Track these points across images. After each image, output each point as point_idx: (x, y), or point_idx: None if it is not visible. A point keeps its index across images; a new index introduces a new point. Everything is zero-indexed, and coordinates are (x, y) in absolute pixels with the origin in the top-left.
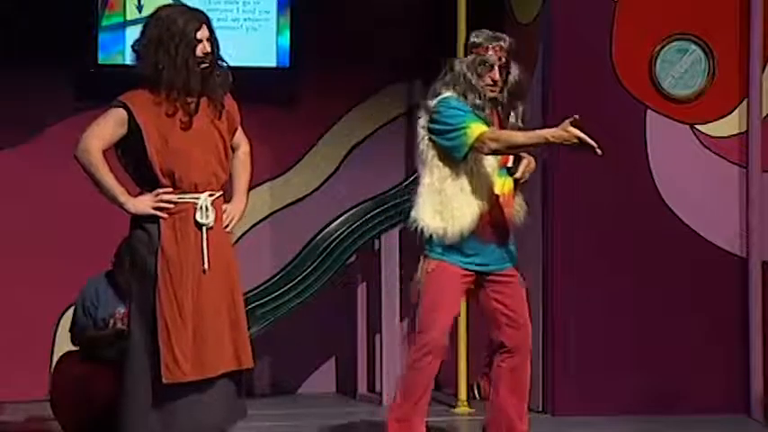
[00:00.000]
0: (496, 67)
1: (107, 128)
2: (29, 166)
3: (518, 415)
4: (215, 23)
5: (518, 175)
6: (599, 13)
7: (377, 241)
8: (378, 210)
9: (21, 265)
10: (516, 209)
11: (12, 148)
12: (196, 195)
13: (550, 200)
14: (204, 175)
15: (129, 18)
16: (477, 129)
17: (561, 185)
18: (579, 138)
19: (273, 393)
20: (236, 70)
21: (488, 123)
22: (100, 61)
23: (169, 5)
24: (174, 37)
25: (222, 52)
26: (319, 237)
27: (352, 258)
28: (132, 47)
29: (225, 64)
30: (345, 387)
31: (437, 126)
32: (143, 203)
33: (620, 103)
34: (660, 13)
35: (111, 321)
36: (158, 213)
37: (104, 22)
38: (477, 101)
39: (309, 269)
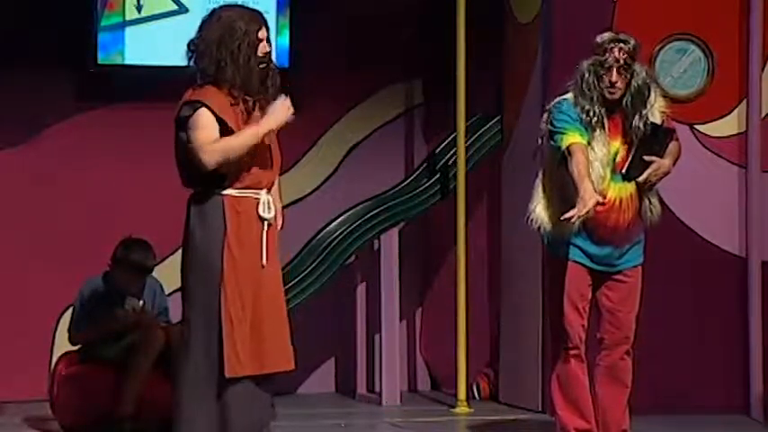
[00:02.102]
0: (614, 69)
1: (209, 124)
2: (28, 166)
3: (617, 412)
4: None
5: (641, 179)
6: (598, 13)
7: (376, 241)
8: (377, 210)
9: (20, 266)
10: (643, 211)
11: (12, 148)
12: (258, 191)
13: None
14: (266, 173)
15: (128, 18)
16: (570, 138)
17: None
18: (587, 211)
19: (273, 393)
20: None
21: (589, 133)
22: (99, 61)
23: (228, 6)
24: (237, 36)
25: None
26: (319, 237)
27: (352, 258)
28: (188, 45)
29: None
30: (345, 387)
31: (549, 127)
32: (281, 112)
33: None
34: (659, 14)
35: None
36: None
37: (104, 22)
38: (587, 105)
39: (309, 269)
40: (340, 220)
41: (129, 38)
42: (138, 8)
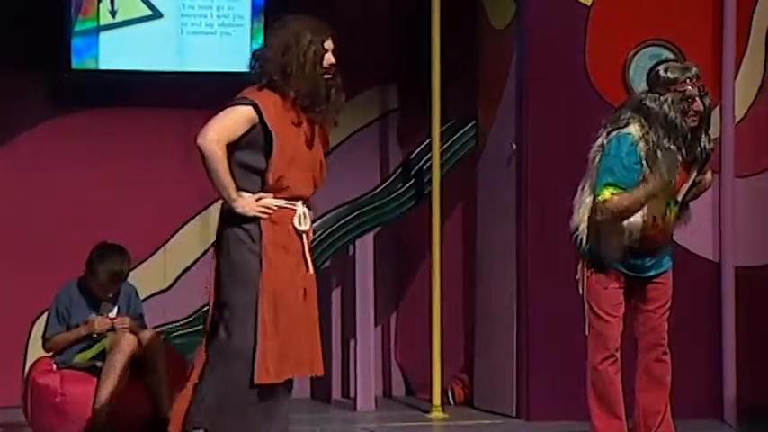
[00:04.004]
0: (697, 98)
1: (235, 123)
2: (1, 170)
3: (659, 414)
4: (189, 29)
5: (689, 198)
6: (572, 19)
7: (351, 246)
8: (352, 215)
9: None
10: (681, 219)
11: None
12: (294, 203)
13: (525, 200)
14: (307, 187)
15: (102, 23)
16: (605, 193)
17: (536, 185)
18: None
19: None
20: (211, 76)
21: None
22: (73, 66)
23: (297, 16)
24: (303, 44)
25: (196, 58)
26: None
27: (327, 263)
28: (254, 52)
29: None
30: (319, 392)
31: (604, 157)
32: (249, 205)
33: (593, 107)
34: (632, 20)
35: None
36: (261, 216)
37: (78, 27)
38: (672, 146)
39: None
40: (315, 224)
41: (103, 43)
42: (113, 13)
